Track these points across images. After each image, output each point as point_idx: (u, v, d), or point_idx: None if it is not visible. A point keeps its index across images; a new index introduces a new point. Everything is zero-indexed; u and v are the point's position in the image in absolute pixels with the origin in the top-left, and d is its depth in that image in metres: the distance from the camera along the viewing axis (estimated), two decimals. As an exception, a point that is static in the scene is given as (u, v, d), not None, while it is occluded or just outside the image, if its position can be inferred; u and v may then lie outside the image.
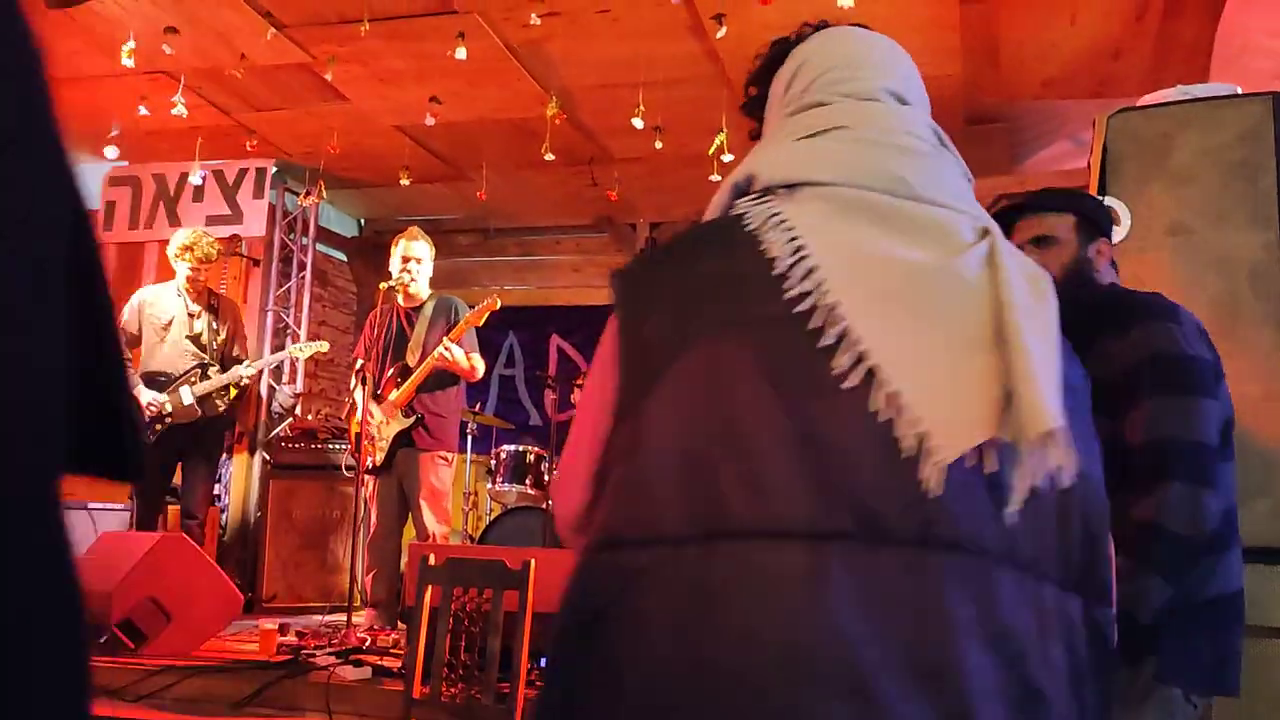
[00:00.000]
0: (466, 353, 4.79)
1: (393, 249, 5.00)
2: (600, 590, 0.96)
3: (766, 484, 0.91)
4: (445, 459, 4.90)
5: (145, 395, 5.24)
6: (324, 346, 5.96)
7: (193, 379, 5.29)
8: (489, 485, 6.12)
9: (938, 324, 0.96)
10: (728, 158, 5.54)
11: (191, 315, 5.38)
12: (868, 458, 0.91)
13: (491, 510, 6.26)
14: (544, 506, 5.64)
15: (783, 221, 1.02)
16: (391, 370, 4.88)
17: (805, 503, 0.90)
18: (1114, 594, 1.03)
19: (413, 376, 4.79)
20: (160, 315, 5.37)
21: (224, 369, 5.40)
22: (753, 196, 1.08)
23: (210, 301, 5.49)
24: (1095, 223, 2.20)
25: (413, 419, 4.79)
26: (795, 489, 0.90)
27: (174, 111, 5.37)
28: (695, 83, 5.43)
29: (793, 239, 1.00)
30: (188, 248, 5.29)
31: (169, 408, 5.22)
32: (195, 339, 5.36)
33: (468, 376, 4.88)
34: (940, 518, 0.90)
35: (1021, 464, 0.93)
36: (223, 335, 5.44)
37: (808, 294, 0.96)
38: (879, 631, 0.86)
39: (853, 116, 1.12)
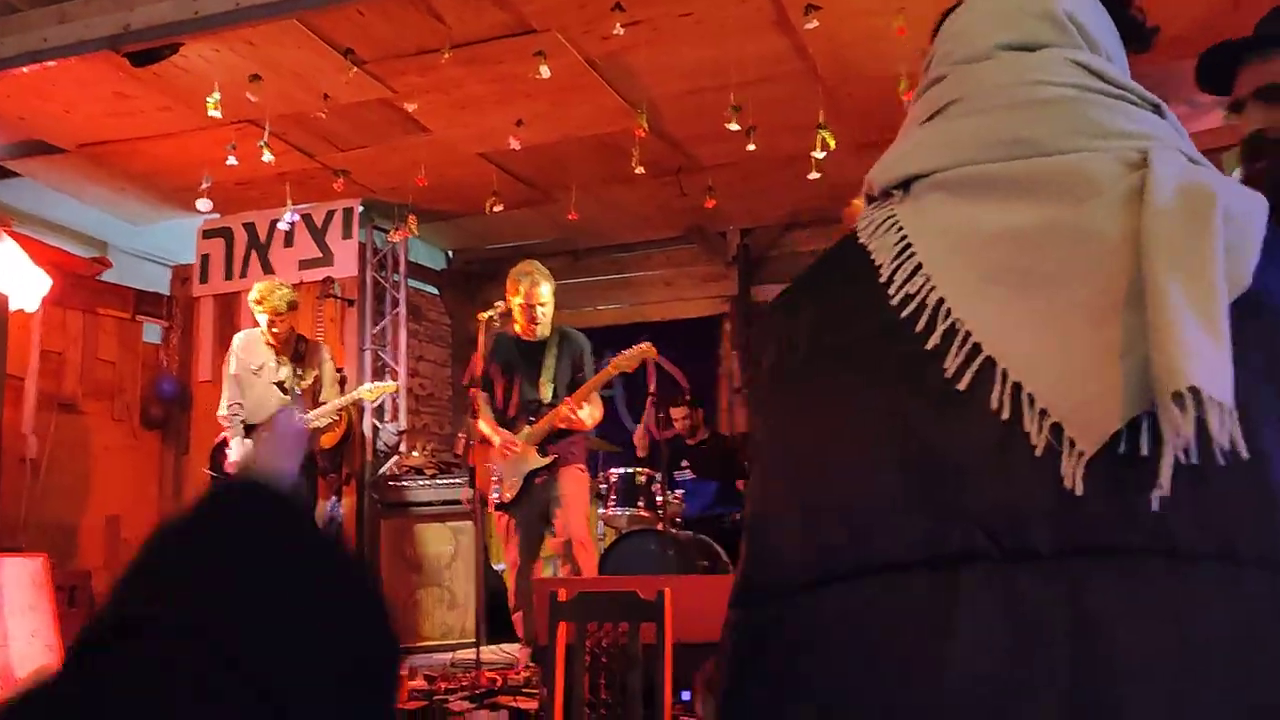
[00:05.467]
0: (582, 405, 4.73)
1: (513, 287, 4.82)
2: (737, 652, 0.91)
3: (874, 514, 0.82)
4: (582, 469, 4.87)
5: (233, 450, 5.29)
6: (392, 386, 5.95)
7: None
8: (600, 510, 5.99)
9: (1060, 295, 0.82)
10: (820, 154, 5.34)
11: (277, 362, 5.43)
12: (994, 466, 0.79)
13: (605, 535, 6.13)
14: (658, 528, 5.50)
15: (895, 224, 0.93)
16: (523, 404, 4.79)
17: (921, 526, 0.79)
18: None
19: (546, 419, 4.71)
20: (252, 360, 5.43)
21: None
22: (876, 203, 1.00)
23: (297, 348, 5.50)
24: None
25: (548, 460, 4.70)
26: (913, 514, 0.80)
27: (263, 159, 5.39)
28: (784, 80, 5.25)
29: (900, 239, 0.91)
30: (259, 301, 5.35)
31: None
32: (280, 384, 5.39)
33: (583, 429, 4.81)
34: (1087, 520, 0.74)
35: (1164, 438, 0.75)
36: (308, 381, 5.44)
37: (912, 296, 0.87)
38: (1023, 664, 0.73)
39: (964, 85, 0.98)
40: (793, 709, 0.83)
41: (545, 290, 4.83)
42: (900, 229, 0.92)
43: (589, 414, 4.77)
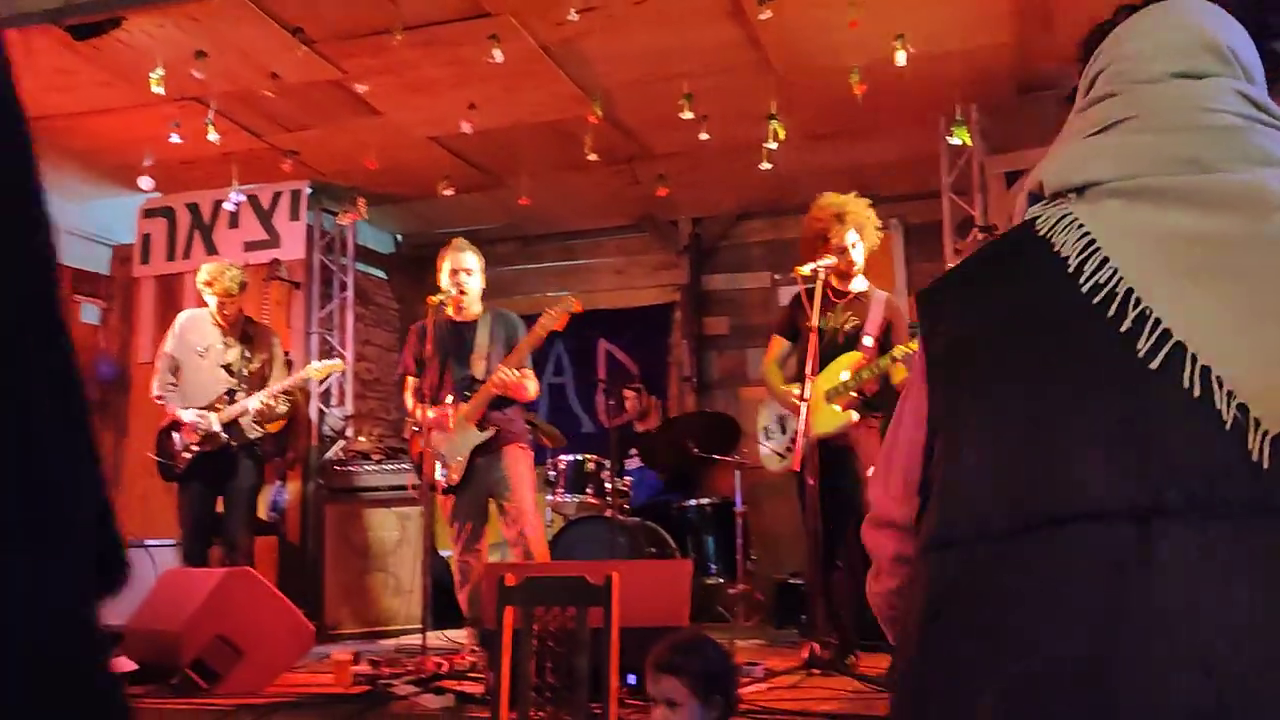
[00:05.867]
0: (524, 375, 4.68)
1: (441, 263, 4.87)
2: (936, 591, 1.01)
3: (1082, 472, 0.92)
4: (524, 447, 4.83)
5: (188, 415, 5.19)
6: (339, 365, 5.91)
7: (219, 406, 5.21)
8: (549, 497, 6.00)
9: (1249, 292, 0.93)
10: (772, 145, 5.39)
11: (225, 344, 5.33)
12: (1186, 435, 0.90)
13: (552, 522, 6.14)
14: (607, 514, 5.51)
15: (1074, 221, 1.03)
16: (456, 384, 4.75)
17: (1124, 484, 0.89)
18: None
19: (480, 392, 4.66)
20: (198, 340, 5.33)
21: None
22: (1045, 201, 1.10)
23: (245, 330, 5.43)
24: None
25: (488, 432, 4.66)
26: (1111, 472, 0.90)
27: (208, 138, 5.29)
28: (737, 71, 5.27)
29: (1084, 234, 1.01)
30: (209, 283, 5.26)
31: (216, 427, 5.14)
32: (227, 367, 5.30)
33: (521, 398, 4.77)
34: (1275, 486, 0.85)
35: None
36: (255, 364, 5.36)
37: (1102, 285, 0.97)
38: (1219, 603, 0.84)
39: (1139, 104, 1.08)
40: (991, 641, 0.93)
41: (469, 257, 4.83)
42: (1082, 226, 1.02)
43: (526, 384, 4.73)
